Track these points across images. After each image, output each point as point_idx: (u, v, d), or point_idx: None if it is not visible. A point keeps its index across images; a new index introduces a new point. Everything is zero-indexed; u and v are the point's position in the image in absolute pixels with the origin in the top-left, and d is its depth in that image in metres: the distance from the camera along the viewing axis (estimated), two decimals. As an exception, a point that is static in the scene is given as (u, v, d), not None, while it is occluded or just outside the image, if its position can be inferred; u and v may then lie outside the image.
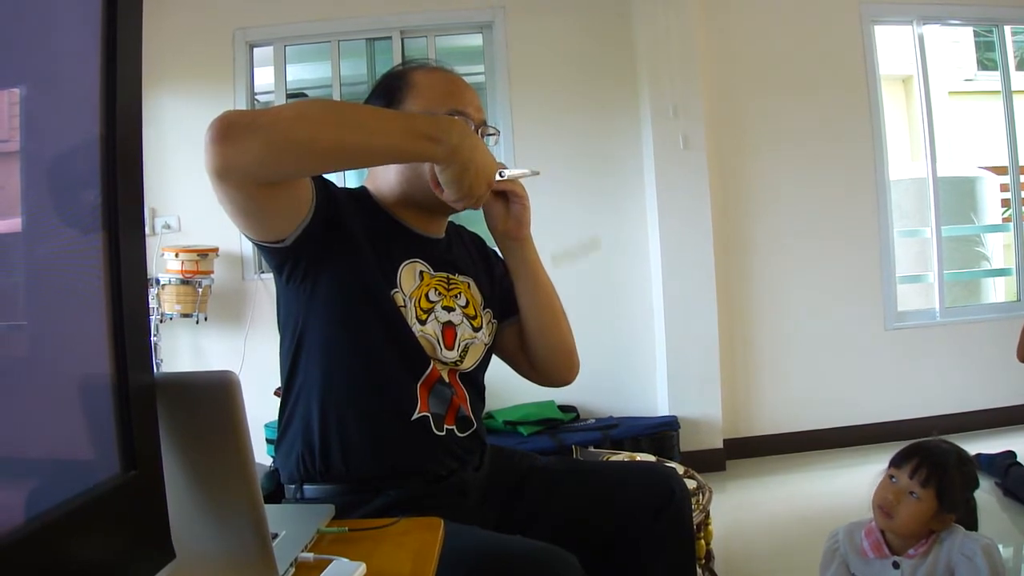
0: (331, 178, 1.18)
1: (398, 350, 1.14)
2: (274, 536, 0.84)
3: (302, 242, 1.08)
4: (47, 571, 0.48)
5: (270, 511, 0.73)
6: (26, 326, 0.52)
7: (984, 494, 2.73)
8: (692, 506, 1.33)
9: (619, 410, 3.48)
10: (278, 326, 1.21)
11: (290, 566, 0.82)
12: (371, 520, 1.00)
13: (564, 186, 3.50)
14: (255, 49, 3.65)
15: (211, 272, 3.35)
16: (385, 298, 1.14)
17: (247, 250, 3.53)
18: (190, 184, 3.29)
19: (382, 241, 1.17)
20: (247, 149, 0.91)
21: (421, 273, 1.20)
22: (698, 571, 1.74)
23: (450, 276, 1.25)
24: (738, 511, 2.80)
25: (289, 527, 0.91)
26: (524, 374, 1.39)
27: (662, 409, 3.43)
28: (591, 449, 2.73)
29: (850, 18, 3.65)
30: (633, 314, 3.54)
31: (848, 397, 3.56)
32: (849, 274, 3.62)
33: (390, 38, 3.63)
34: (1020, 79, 4.81)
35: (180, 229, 3.52)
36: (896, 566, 1.47)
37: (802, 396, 3.55)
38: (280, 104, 1.17)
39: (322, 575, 0.77)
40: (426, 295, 1.19)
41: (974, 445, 3.08)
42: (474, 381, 1.27)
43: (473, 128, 1.23)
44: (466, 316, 1.24)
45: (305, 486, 1.14)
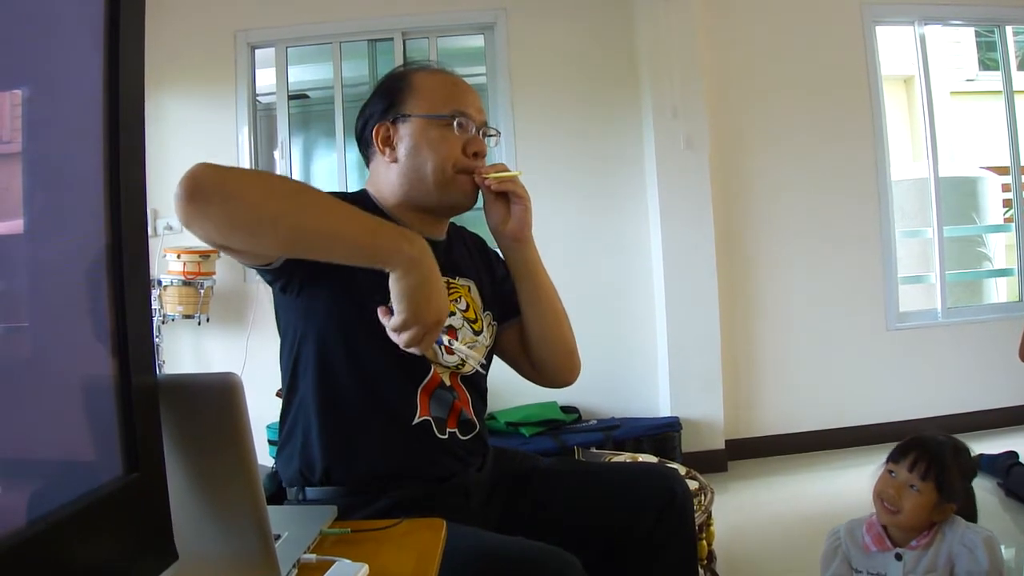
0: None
1: (397, 359, 1.14)
2: (276, 537, 0.84)
3: (290, 266, 1.08)
4: (50, 573, 0.48)
5: (272, 512, 0.73)
6: (28, 328, 0.52)
7: (986, 494, 2.73)
8: (694, 507, 1.33)
9: (621, 411, 3.48)
10: (278, 331, 1.21)
11: (292, 567, 0.82)
12: (373, 521, 1.00)
13: (565, 187, 3.51)
14: (257, 51, 3.65)
15: (213, 273, 3.35)
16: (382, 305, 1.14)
17: (249, 251, 3.52)
18: (192, 186, 3.28)
19: None
20: (209, 215, 0.90)
21: None
22: (700, 572, 1.74)
23: (450, 280, 1.24)
24: (740, 512, 2.80)
25: (291, 528, 0.91)
26: (525, 375, 1.38)
27: (664, 410, 3.43)
28: (593, 450, 2.73)
29: (852, 19, 3.65)
30: (635, 315, 3.54)
31: (850, 398, 3.56)
32: (851, 274, 3.62)
33: (392, 39, 3.62)
34: (1021, 79, 4.80)
35: (182, 231, 3.47)
36: (899, 558, 1.49)
37: (804, 397, 3.55)
38: (251, 172, 1.14)
39: (324, 576, 0.77)
40: None
41: (976, 445, 3.04)
42: (476, 383, 1.27)
43: (474, 130, 1.23)
44: (467, 320, 1.24)
45: (307, 489, 1.15)
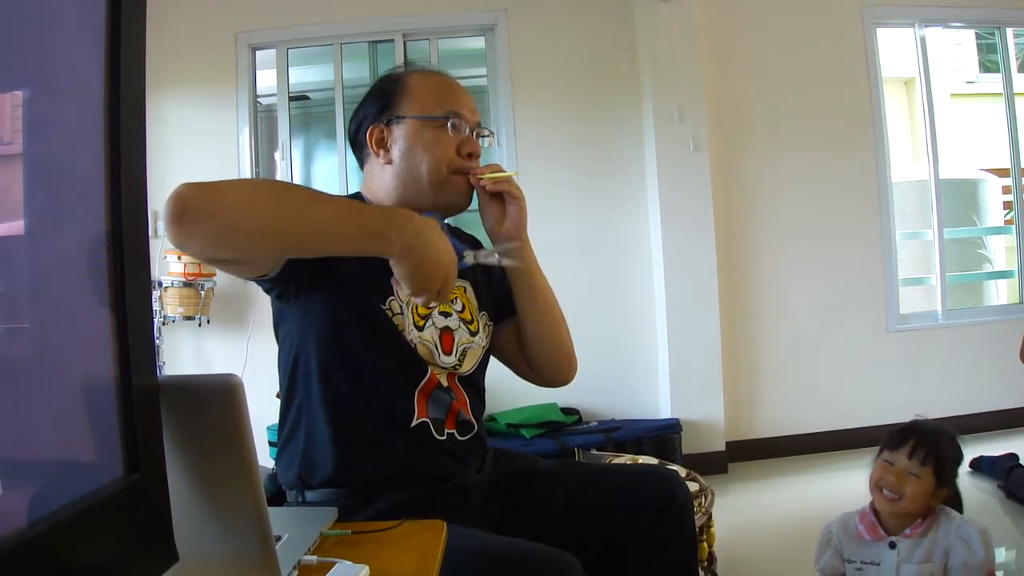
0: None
1: (394, 361, 1.14)
2: (277, 539, 0.84)
3: (287, 272, 1.08)
4: (50, 573, 0.48)
5: (273, 514, 0.73)
6: (29, 329, 0.52)
7: (987, 496, 2.74)
8: (694, 508, 1.33)
9: (621, 412, 3.48)
10: (276, 338, 1.22)
11: (293, 569, 0.82)
12: (374, 523, 1.00)
13: (566, 188, 3.51)
14: (257, 52, 3.66)
15: (213, 275, 3.35)
16: (377, 310, 1.14)
17: (249, 253, 3.52)
18: (192, 187, 3.29)
19: None
20: (199, 234, 0.90)
21: None
22: (700, 574, 1.74)
23: None
24: (740, 514, 2.80)
25: (292, 530, 0.91)
26: (522, 375, 1.39)
27: (664, 411, 3.43)
28: (593, 452, 2.73)
29: (852, 20, 3.65)
30: (635, 316, 3.54)
31: (850, 399, 3.55)
32: (851, 276, 3.62)
33: (392, 41, 3.63)
34: (1022, 81, 4.80)
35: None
36: (892, 546, 1.50)
37: (804, 398, 3.55)
38: (234, 183, 1.14)
39: (325, 578, 0.77)
40: None
41: (976, 447, 3.09)
42: (474, 384, 1.27)
43: (468, 130, 1.23)
44: (463, 321, 1.25)
45: (306, 491, 1.15)
